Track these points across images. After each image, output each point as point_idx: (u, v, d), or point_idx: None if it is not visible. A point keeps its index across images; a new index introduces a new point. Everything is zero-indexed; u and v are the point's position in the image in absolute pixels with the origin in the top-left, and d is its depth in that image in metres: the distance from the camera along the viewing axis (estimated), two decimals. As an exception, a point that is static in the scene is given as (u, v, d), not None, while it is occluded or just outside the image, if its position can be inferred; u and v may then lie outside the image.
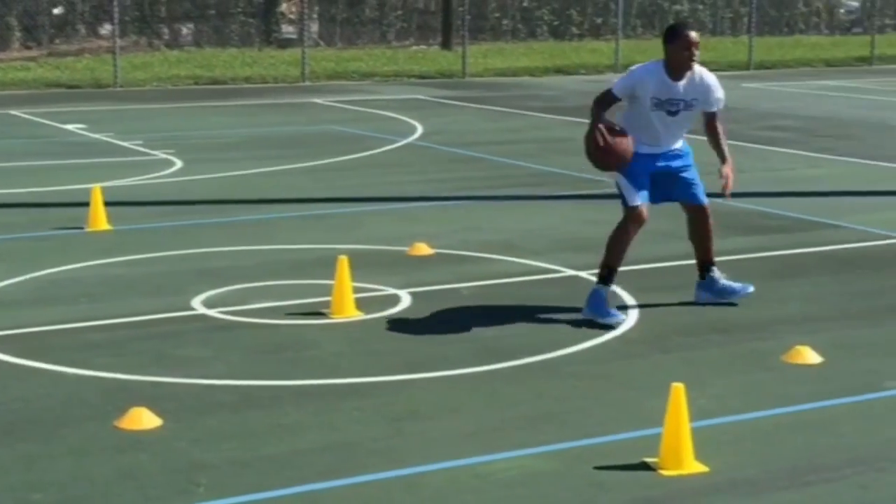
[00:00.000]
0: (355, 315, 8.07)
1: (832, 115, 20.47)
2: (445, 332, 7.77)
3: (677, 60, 7.87)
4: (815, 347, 7.28)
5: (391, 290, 8.75)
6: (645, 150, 7.99)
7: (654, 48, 33.96)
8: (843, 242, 10.45)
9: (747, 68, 30.23)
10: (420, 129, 18.24)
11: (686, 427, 5.55)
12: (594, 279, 8.27)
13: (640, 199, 8.00)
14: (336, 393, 6.64)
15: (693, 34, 7.90)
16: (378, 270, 9.30)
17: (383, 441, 5.91)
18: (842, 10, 44.54)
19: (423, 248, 9.98)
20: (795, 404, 6.43)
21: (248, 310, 8.24)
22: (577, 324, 7.91)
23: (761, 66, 30.63)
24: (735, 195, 12.51)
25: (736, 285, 8.41)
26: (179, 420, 6.17)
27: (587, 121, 8.05)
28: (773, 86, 26.11)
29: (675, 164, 8.17)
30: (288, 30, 34.30)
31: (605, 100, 8.07)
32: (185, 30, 34.62)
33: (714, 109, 8.14)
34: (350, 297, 8.14)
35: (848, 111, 21.12)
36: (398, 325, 7.95)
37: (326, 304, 8.19)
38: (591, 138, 7.87)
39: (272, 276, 9.16)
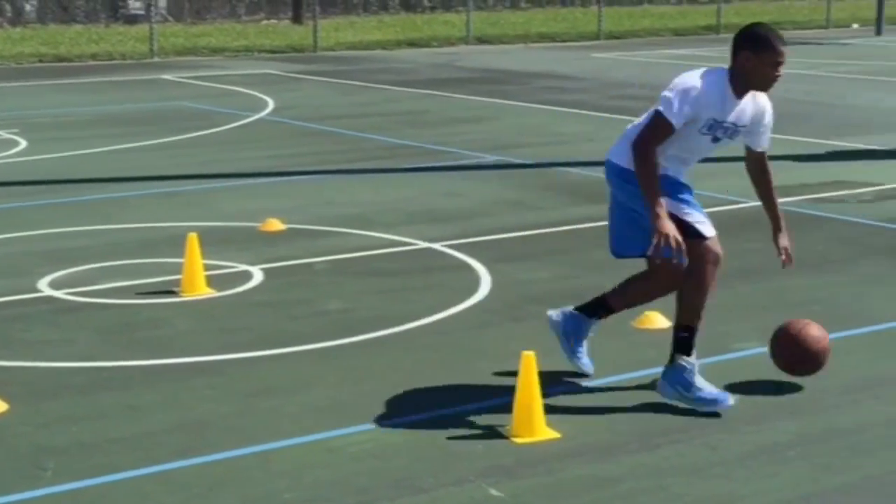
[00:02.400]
0: (206, 293, 7.96)
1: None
2: (298, 308, 7.72)
3: (756, 77, 5.82)
4: (666, 313, 7.38)
5: (243, 267, 8.65)
6: (671, 170, 6.01)
7: (505, 20, 34.23)
8: (691, 208, 10.60)
9: (597, 38, 30.56)
10: (271, 104, 18.07)
11: (537, 394, 5.59)
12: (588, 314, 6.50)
13: (712, 229, 6.03)
14: (188, 371, 6.55)
15: (785, 48, 5.86)
16: (229, 247, 9.20)
17: (235, 419, 5.85)
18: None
19: (275, 224, 9.89)
20: (646, 368, 6.51)
21: (96, 290, 8.09)
22: (429, 295, 7.92)
23: (611, 36, 31.00)
24: (584, 164, 12.79)
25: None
26: (26, 404, 6.03)
27: (439, 92, 7.97)
28: (623, 55, 26.44)
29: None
30: (135, 5, 33.69)
31: (656, 136, 5.80)
32: (29, 6, 33.78)
33: (764, 147, 6.17)
34: (201, 275, 8.03)
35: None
36: (250, 301, 7.87)
37: (177, 283, 8.07)
38: (667, 237, 5.70)
39: (121, 256, 8.99)
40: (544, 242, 9.48)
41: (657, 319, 7.29)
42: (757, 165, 6.25)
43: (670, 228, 5.70)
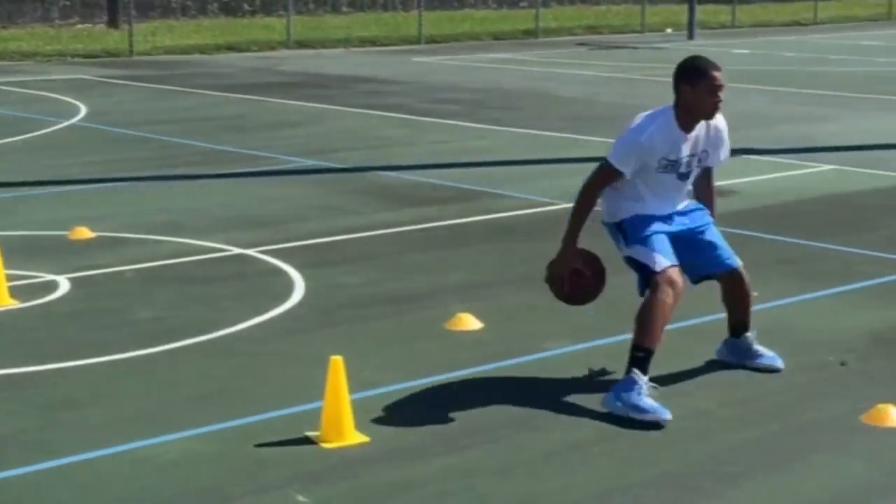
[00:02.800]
0: (9, 304, 7.73)
1: (499, 87, 21.00)
2: (106, 318, 7.55)
3: (698, 108, 6.03)
4: (477, 314, 7.44)
5: (49, 277, 8.43)
6: (650, 211, 6.20)
7: (326, 24, 34.12)
8: (506, 210, 10.72)
9: (418, 42, 30.68)
10: (84, 110, 17.67)
11: (346, 399, 5.56)
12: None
13: (666, 260, 6.06)
14: (-13, 386, 6.35)
15: (719, 73, 6.06)
16: (35, 256, 8.96)
17: (35, 433, 5.68)
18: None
19: (84, 233, 9.66)
20: (456, 370, 6.54)
21: None
22: (241, 302, 7.83)
23: (432, 40, 31.14)
24: (402, 168, 12.82)
25: (767, 354, 6.64)
26: None
27: (258, 97, 7.86)
28: (444, 59, 26.59)
29: (692, 222, 6.34)
30: (-57, 9, 32.63)
31: (601, 185, 6.12)
32: None
33: (714, 165, 6.40)
34: (3, 285, 7.79)
35: (514, 83, 21.71)
36: (55, 312, 7.67)
37: (-21, 294, 7.82)
38: (556, 276, 6.26)
39: (-79, 268, 8.67)
40: (359, 247, 9.46)
41: (469, 321, 7.33)
42: (704, 177, 6.42)
43: (564, 267, 6.20)
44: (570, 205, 6.26)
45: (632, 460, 5.39)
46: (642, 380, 5.90)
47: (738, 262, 6.38)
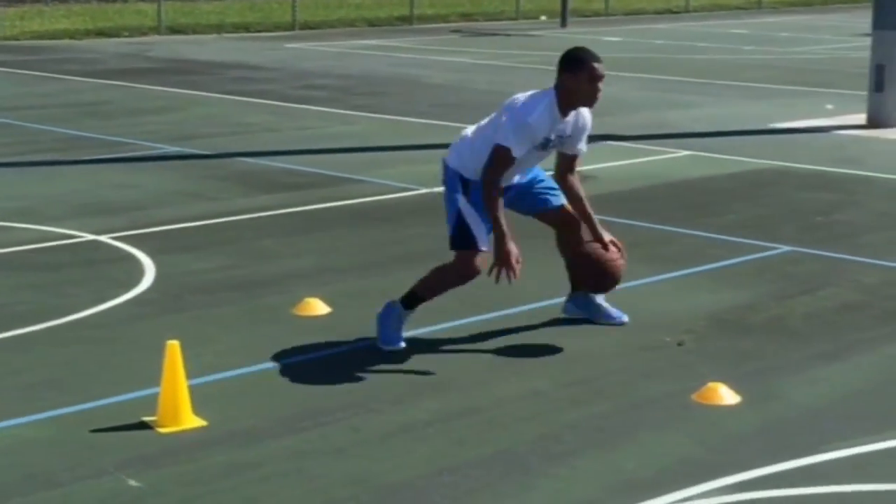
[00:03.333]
0: None
1: (370, 74, 21.01)
2: (-52, 305, 7.46)
3: (579, 94, 6.37)
4: (326, 298, 7.48)
5: None
6: (503, 181, 6.47)
7: (199, 10, 33.80)
8: (365, 196, 10.77)
9: (292, 28, 30.54)
10: (-56, 96, 17.36)
11: (183, 384, 5.57)
12: None
13: (486, 245, 6.43)
14: None
15: (600, 64, 6.42)
16: None
17: None
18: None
19: (-68, 220, 9.52)
20: (299, 355, 6.58)
21: None
22: (88, 288, 7.77)
23: (306, 26, 31.02)
24: (264, 154, 12.79)
25: (613, 310, 7.12)
26: None
27: (124, 83, 7.80)
28: (317, 45, 26.50)
29: (529, 176, 6.77)
30: None
31: (500, 168, 6.32)
32: None
33: (578, 150, 6.70)
34: None
35: (386, 69, 21.73)
36: None
37: None
38: (505, 261, 6.32)
39: None
40: (214, 233, 9.44)
41: (317, 306, 7.37)
42: (567, 166, 6.73)
43: (510, 253, 6.30)
44: (428, 190, 6.34)
45: (465, 440, 5.48)
46: (400, 309, 6.55)
47: (561, 201, 6.76)
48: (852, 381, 6.35)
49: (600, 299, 7.06)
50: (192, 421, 5.59)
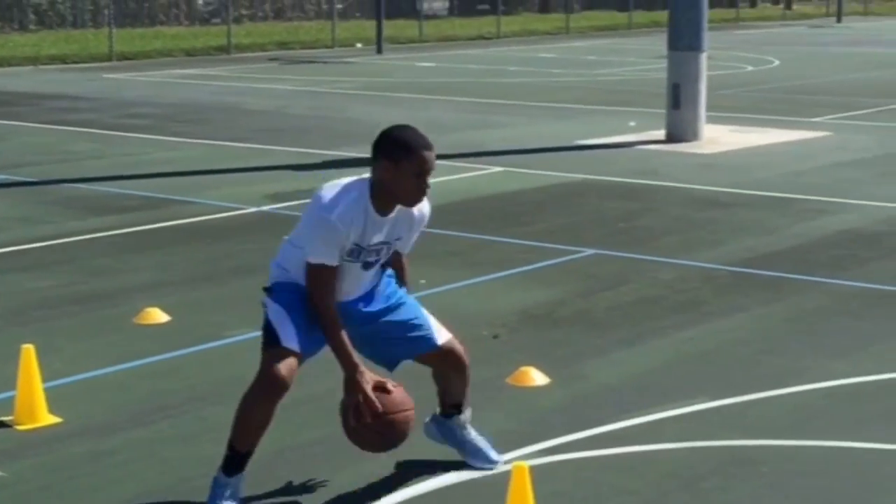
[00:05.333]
0: None
1: (190, 102, 21.35)
2: None
3: (399, 191, 4.95)
4: (165, 308, 7.94)
5: None
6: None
7: (14, 42, 33.50)
8: (193, 216, 11.21)
9: (109, 59, 30.61)
10: None
11: (38, 384, 6.00)
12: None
13: (293, 343, 5.00)
14: None
15: (430, 153, 4.98)
16: None
17: None
18: (200, 2, 45.94)
19: None
20: (144, 358, 7.04)
21: None
22: (-66, 307, 8.07)
23: (123, 57, 31.11)
24: (93, 180, 13.13)
25: (480, 444, 5.55)
26: None
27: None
28: (136, 76, 26.68)
29: (376, 306, 5.26)
30: None
31: (322, 286, 4.93)
32: None
33: (408, 249, 5.35)
34: None
35: (206, 97, 22.09)
36: None
37: None
38: (353, 408, 5.01)
39: None
40: (49, 254, 9.78)
41: (156, 315, 7.82)
42: (398, 262, 5.38)
43: (363, 389, 4.98)
44: (256, 209, 6.85)
45: (305, 423, 6.03)
46: (226, 480, 5.06)
47: (442, 338, 5.35)
48: (648, 361, 7.09)
49: (468, 428, 5.58)
50: (48, 418, 6.02)
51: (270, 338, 5.03)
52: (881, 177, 13.26)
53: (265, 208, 11.22)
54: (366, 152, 5.39)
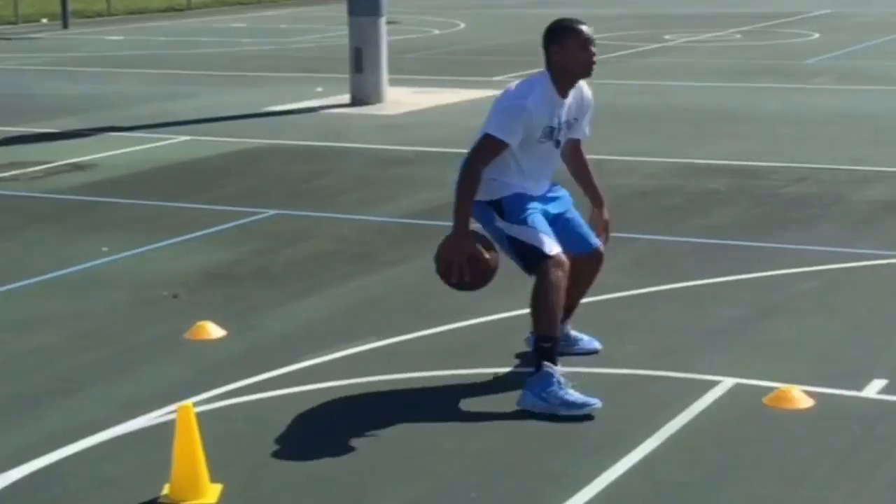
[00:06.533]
0: None
1: None
2: None
3: (575, 65, 5.80)
4: None
5: None
6: (530, 191, 5.94)
7: None
8: None
9: None
10: None
11: None
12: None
13: (556, 245, 5.80)
14: None
15: (587, 28, 5.89)
16: None
17: None
18: None
19: None
20: None
21: None
22: None
23: None
24: None
25: (584, 338, 6.53)
26: None
27: None
28: None
29: (560, 206, 6.10)
30: None
31: (487, 157, 5.76)
32: None
33: (585, 134, 6.21)
34: None
35: None
36: None
37: None
38: (452, 264, 5.82)
39: None
40: None
41: None
42: (574, 151, 6.19)
43: (459, 253, 5.74)
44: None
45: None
46: (557, 371, 5.71)
47: (599, 242, 6.18)
48: (322, 310, 7.50)
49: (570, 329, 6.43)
50: None
51: (535, 251, 5.74)
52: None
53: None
54: (52, 128, 5.64)
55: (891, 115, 14.76)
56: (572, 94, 5.92)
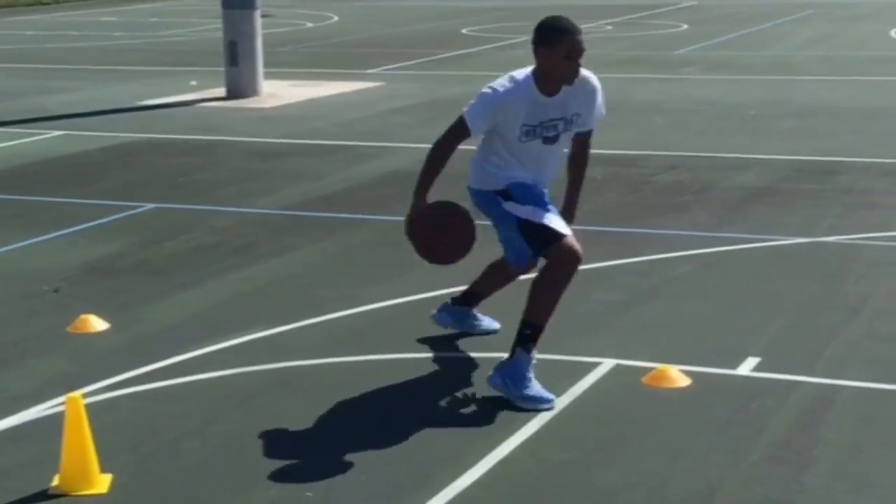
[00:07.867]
0: None
1: None
2: None
3: (558, 73, 5.74)
4: None
5: None
6: (528, 178, 5.93)
7: None
8: None
9: None
10: None
11: None
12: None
13: (566, 230, 5.83)
14: None
15: (580, 36, 5.71)
16: None
17: None
18: None
19: None
20: None
21: None
22: None
23: None
24: None
25: (486, 318, 6.78)
26: None
27: None
28: None
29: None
30: None
31: (452, 141, 5.83)
32: None
33: (592, 127, 6.08)
34: None
35: None
36: None
37: None
38: (412, 231, 5.91)
39: None
40: None
41: None
42: (578, 147, 6.15)
43: (413, 215, 5.86)
44: None
45: None
46: (528, 362, 5.77)
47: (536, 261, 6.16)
48: (206, 301, 7.52)
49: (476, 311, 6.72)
50: None
51: (546, 234, 5.75)
52: (427, 121, 14.15)
53: None
54: None
55: (757, 104, 15.16)
56: (571, 88, 5.81)
